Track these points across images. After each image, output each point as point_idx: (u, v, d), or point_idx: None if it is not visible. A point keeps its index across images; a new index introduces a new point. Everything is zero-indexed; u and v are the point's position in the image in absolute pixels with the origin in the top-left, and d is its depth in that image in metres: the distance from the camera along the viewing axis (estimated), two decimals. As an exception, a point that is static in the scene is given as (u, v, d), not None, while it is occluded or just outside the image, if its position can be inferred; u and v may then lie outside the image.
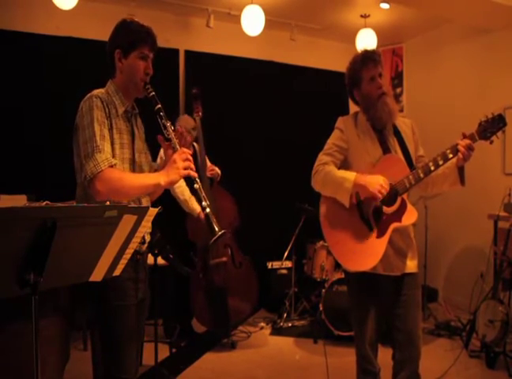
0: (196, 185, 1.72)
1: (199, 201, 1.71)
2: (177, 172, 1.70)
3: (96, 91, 1.76)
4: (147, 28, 1.82)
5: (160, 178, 1.70)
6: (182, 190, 3.59)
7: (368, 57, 2.17)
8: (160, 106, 1.81)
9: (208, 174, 3.76)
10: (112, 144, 1.72)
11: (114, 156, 1.72)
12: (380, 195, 2.02)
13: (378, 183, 2.02)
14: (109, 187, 1.63)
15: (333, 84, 5.42)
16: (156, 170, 1.95)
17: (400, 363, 2.15)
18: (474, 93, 4.72)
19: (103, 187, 1.63)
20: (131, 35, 1.78)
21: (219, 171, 3.86)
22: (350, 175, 2.08)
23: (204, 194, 1.72)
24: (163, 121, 1.79)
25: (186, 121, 3.80)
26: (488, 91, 4.57)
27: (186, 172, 1.71)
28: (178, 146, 1.77)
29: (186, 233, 3.67)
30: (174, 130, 1.82)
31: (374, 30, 4.75)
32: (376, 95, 2.15)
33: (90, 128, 1.67)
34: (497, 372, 3.22)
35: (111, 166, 1.66)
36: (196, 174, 1.74)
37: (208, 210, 1.70)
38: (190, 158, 1.75)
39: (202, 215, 3.65)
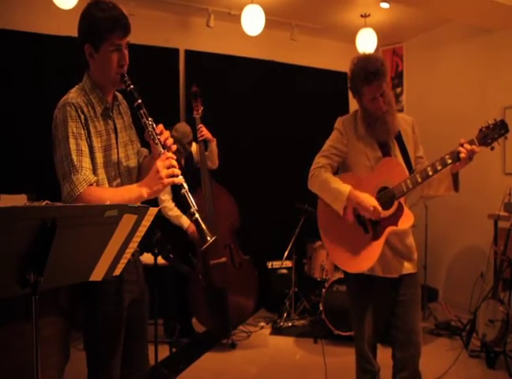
0: (183, 191, 1.62)
1: (188, 207, 1.62)
2: (160, 182, 1.60)
3: (70, 96, 1.66)
4: (114, 11, 1.64)
5: (143, 190, 1.61)
6: (168, 208, 3.62)
7: (371, 75, 2.04)
8: (139, 101, 1.68)
9: (199, 137, 3.67)
10: (93, 152, 1.64)
11: (96, 165, 1.65)
12: (375, 215, 2.05)
13: (371, 205, 2.04)
14: None
15: (334, 84, 5.45)
16: (145, 157, 1.90)
17: (400, 362, 2.15)
18: (474, 93, 4.72)
19: None
20: (98, 27, 1.61)
21: (206, 132, 3.67)
22: (344, 188, 2.09)
23: (191, 199, 1.63)
24: (143, 120, 1.67)
25: (182, 134, 3.59)
26: (488, 90, 4.57)
27: (169, 181, 1.61)
28: (161, 149, 1.65)
29: (186, 233, 3.67)
30: (154, 129, 1.68)
31: (374, 30, 4.75)
32: (376, 115, 2.12)
33: (65, 143, 1.58)
34: (497, 372, 3.22)
35: (91, 184, 1.59)
36: (181, 181, 1.63)
37: (197, 215, 1.61)
38: (174, 163, 1.63)
39: (192, 229, 3.63)
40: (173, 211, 3.64)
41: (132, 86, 1.69)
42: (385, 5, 4.46)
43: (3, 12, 3.99)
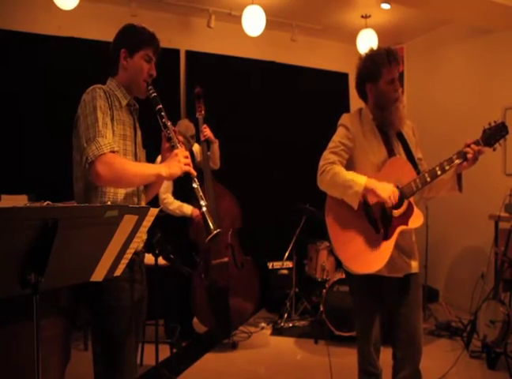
0: (194, 185, 1.74)
1: (196, 200, 1.73)
2: (178, 165, 1.72)
3: (98, 85, 1.77)
4: (152, 32, 1.87)
5: (162, 169, 1.71)
6: (169, 203, 3.64)
7: (393, 56, 2.11)
8: (160, 106, 1.83)
9: (202, 137, 3.70)
10: (113, 136, 1.71)
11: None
12: (390, 203, 2.01)
13: (390, 190, 2.01)
14: (110, 171, 1.60)
15: (334, 85, 5.46)
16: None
17: (401, 361, 2.15)
18: (475, 94, 4.72)
19: (104, 170, 1.59)
20: (137, 37, 1.82)
21: (209, 133, 3.70)
22: (360, 179, 2.04)
23: (201, 193, 1.74)
24: (163, 120, 1.82)
25: (186, 128, 3.75)
26: (489, 91, 4.57)
27: (186, 168, 1.73)
28: (178, 145, 1.80)
29: (188, 233, 3.67)
30: (174, 130, 1.85)
31: (374, 30, 4.75)
32: (392, 98, 2.12)
33: (93, 115, 1.66)
34: (498, 372, 3.21)
35: (113, 152, 1.64)
36: (195, 173, 1.76)
37: (204, 209, 1.71)
38: (190, 157, 1.78)
39: (196, 214, 3.70)
40: (173, 204, 3.67)
41: (155, 94, 1.85)
42: (385, 6, 4.46)
43: (4, 12, 4.00)
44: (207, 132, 3.68)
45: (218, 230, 1.69)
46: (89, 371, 1.79)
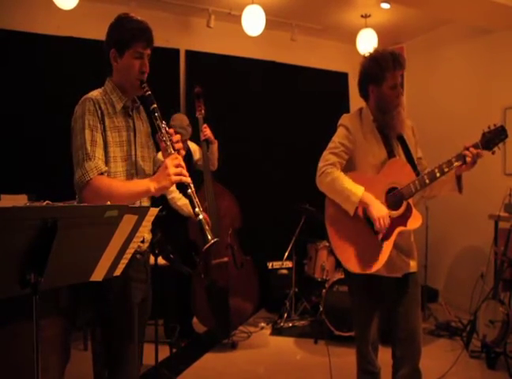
0: (189, 191, 1.70)
1: (192, 207, 1.70)
2: (168, 178, 1.68)
3: (90, 94, 1.76)
4: (141, 24, 1.80)
5: (151, 185, 1.68)
6: (177, 198, 3.62)
7: (398, 61, 2.10)
8: (155, 105, 1.80)
9: (202, 136, 3.70)
10: (107, 146, 1.71)
11: (109, 158, 1.72)
12: (379, 226, 2.02)
13: (383, 212, 2.02)
14: (97, 196, 1.64)
15: (334, 84, 5.46)
16: (158, 167, 1.96)
17: (401, 360, 2.16)
18: (474, 94, 4.72)
19: (90, 196, 1.64)
20: (124, 35, 1.77)
21: (209, 133, 3.68)
22: (358, 190, 2.06)
23: (197, 200, 1.70)
24: (157, 122, 1.78)
25: (180, 119, 3.76)
26: (489, 91, 4.57)
27: (177, 178, 1.69)
28: (171, 149, 1.75)
29: (188, 233, 3.67)
30: (168, 132, 1.79)
31: (374, 30, 4.75)
32: (394, 103, 2.14)
33: (81, 134, 1.68)
34: (497, 372, 3.22)
35: (101, 174, 1.66)
36: (189, 180, 1.71)
37: (201, 216, 1.68)
38: (182, 164, 1.72)
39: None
40: (181, 200, 3.62)
41: (149, 92, 1.81)
42: (385, 6, 4.46)
43: (3, 12, 3.99)
44: (207, 132, 3.68)
45: (215, 239, 1.66)
46: (89, 371, 1.79)
